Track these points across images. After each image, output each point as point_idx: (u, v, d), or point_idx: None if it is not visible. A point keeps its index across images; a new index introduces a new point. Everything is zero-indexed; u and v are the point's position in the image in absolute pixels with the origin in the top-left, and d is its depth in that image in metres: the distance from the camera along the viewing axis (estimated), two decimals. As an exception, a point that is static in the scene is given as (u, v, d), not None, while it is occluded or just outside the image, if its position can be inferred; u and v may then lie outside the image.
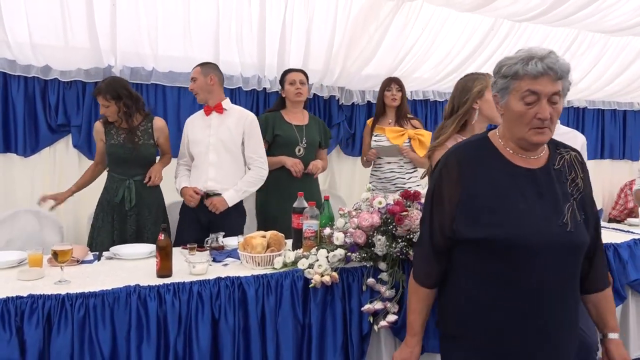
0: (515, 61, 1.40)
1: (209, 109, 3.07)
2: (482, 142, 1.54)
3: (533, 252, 1.41)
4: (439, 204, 1.51)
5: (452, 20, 3.95)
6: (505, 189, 1.45)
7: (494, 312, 1.46)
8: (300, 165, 3.29)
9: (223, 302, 2.11)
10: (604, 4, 3.65)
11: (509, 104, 1.43)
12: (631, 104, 5.65)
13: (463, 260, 1.51)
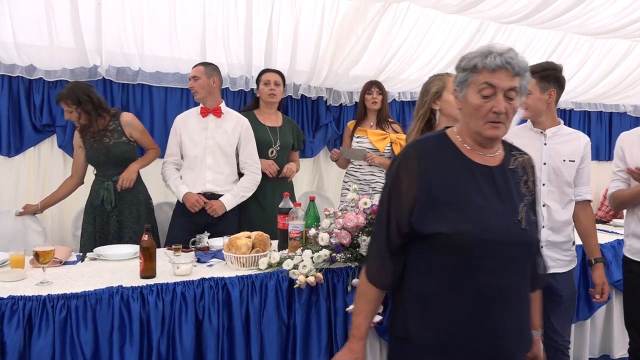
0: (475, 55, 1.42)
1: (206, 110, 3.07)
2: (441, 138, 1.53)
3: (490, 248, 1.39)
4: (397, 197, 1.46)
5: (439, 22, 3.97)
6: (463, 184, 1.44)
7: (450, 310, 1.42)
8: (274, 167, 3.30)
9: (207, 303, 2.10)
10: (588, 7, 3.68)
11: (466, 97, 1.44)
12: (617, 106, 5.70)
13: (418, 258, 1.46)
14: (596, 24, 4.06)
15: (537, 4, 3.54)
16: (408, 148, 1.51)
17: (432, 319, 1.44)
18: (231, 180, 3.11)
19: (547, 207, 2.38)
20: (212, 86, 3.04)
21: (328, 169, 4.35)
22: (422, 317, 1.45)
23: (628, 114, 5.81)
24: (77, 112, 2.93)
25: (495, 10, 3.67)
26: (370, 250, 1.56)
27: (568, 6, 3.58)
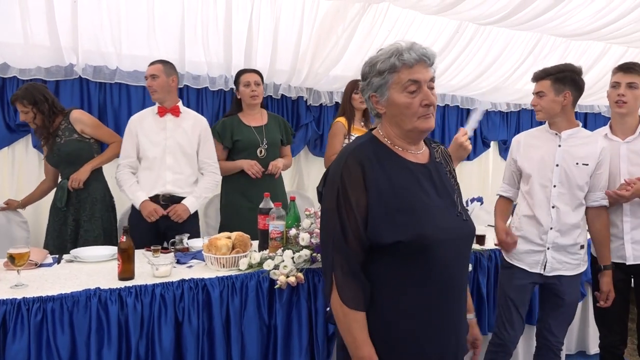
0: (387, 55, 1.40)
1: (164, 110, 2.99)
2: (373, 142, 1.47)
3: (441, 245, 1.39)
4: (349, 211, 1.37)
5: (418, 22, 3.99)
6: (407, 186, 1.42)
7: (410, 319, 1.40)
8: (257, 167, 3.24)
9: (187, 304, 2.09)
10: (564, 9, 3.74)
11: (392, 99, 1.41)
12: (592, 107, 5.81)
13: (376, 270, 1.40)
14: (572, 26, 4.13)
15: (514, 6, 3.59)
16: (347, 156, 1.41)
17: (400, 332, 1.39)
18: (191, 181, 3.05)
19: (556, 209, 2.38)
20: (171, 85, 2.97)
21: (308, 168, 4.35)
22: (385, 332, 1.39)
23: (602, 114, 5.92)
24: (32, 113, 2.91)
25: (474, 12, 3.71)
26: (335, 276, 1.38)
27: (545, 8, 3.64)
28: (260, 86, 3.31)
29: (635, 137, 2.52)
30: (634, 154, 2.50)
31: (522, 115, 5.36)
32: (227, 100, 3.90)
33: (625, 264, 2.50)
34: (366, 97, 1.48)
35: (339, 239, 1.38)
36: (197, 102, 3.78)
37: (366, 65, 1.46)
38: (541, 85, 2.40)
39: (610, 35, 4.36)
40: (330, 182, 1.43)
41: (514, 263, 2.48)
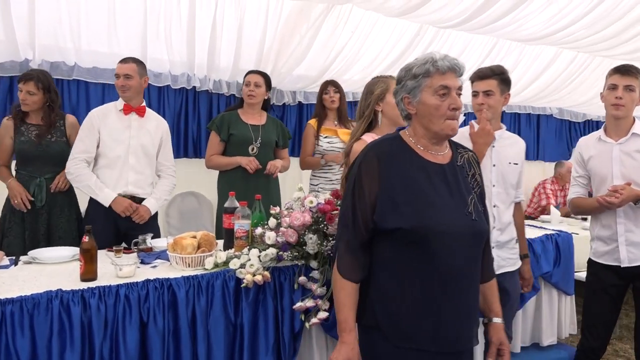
0: (424, 62, 1.58)
1: (129, 108, 2.93)
2: (396, 140, 1.66)
3: (445, 239, 1.54)
4: (361, 196, 1.58)
5: (381, 24, 4.07)
6: (419, 182, 1.58)
7: (412, 297, 1.55)
8: (255, 162, 3.25)
9: (152, 304, 2.06)
10: (519, 15, 3.89)
11: (424, 101, 1.58)
12: (544, 109, 6.06)
13: (382, 252, 1.59)
14: (526, 31, 4.30)
15: (473, 10, 3.71)
16: (368, 150, 1.62)
17: (397, 307, 1.56)
18: (150, 182, 3.03)
19: (497, 208, 2.45)
20: (142, 86, 2.94)
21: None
22: (388, 306, 1.58)
23: (554, 116, 6.18)
24: (43, 98, 2.83)
25: (435, 15, 3.81)
26: (339, 247, 1.63)
27: (501, 13, 3.78)
28: (260, 88, 3.31)
29: (627, 138, 2.49)
30: (626, 156, 2.47)
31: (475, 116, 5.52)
32: (190, 98, 3.87)
33: (620, 266, 2.49)
34: (399, 99, 1.66)
35: (349, 219, 1.60)
36: (159, 100, 3.74)
37: (402, 70, 1.64)
38: (489, 84, 2.40)
39: (562, 41, 4.55)
40: (352, 169, 1.65)
41: None
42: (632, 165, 2.46)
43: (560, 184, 5.62)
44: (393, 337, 1.57)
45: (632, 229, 2.46)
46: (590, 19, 4.13)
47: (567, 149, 6.36)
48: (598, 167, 2.55)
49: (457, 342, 1.61)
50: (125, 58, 2.94)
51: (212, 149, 3.32)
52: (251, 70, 3.41)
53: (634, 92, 2.45)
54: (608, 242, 2.52)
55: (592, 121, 6.54)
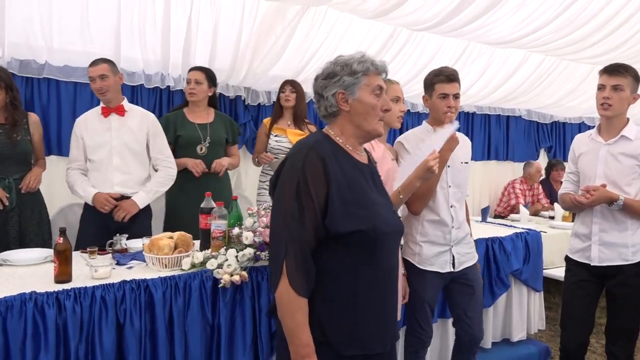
0: (362, 59, 1.54)
1: (108, 110, 2.91)
2: (327, 140, 1.57)
3: (387, 237, 1.55)
4: (309, 200, 1.45)
5: (356, 26, 4.10)
6: (359, 182, 1.55)
7: (362, 302, 1.52)
8: (201, 166, 3.23)
9: (128, 305, 2.05)
10: (490, 19, 3.98)
11: (361, 99, 1.54)
12: (513, 110, 6.20)
13: (327, 261, 1.50)
14: (496, 35, 4.40)
15: (445, 14, 3.78)
16: (309, 151, 1.48)
17: (347, 316, 1.50)
18: (142, 180, 2.99)
19: (454, 208, 2.49)
20: (118, 84, 2.90)
21: (246, 168, 4.35)
22: (337, 317, 1.50)
23: (523, 117, 6.33)
24: (5, 96, 2.75)
25: (408, 18, 3.87)
26: (288, 262, 1.44)
27: (473, 17, 3.86)
28: (201, 85, 3.27)
29: (616, 139, 2.49)
30: (612, 157, 2.48)
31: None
32: (164, 97, 3.84)
33: (590, 264, 2.53)
34: (330, 94, 1.55)
35: (296, 228, 1.44)
36: (132, 100, 3.69)
37: (336, 65, 1.55)
38: (457, 87, 2.42)
39: (530, 44, 4.68)
40: (290, 172, 1.49)
41: (426, 268, 2.47)
42: (616, 167, 2.46)
43: (528, 183, 5.76)
44: (344, 348, 1.50)
45: (606, 230, 2.48)
46: (558, 23, 4.26)
47: (535, 149, 6.53)
48: (585, 166, 2.58)
49: (394, 337, 1.65)
50: (95, 60, 2.89)
51: None
52: (193, 67, 3.37)
53: (623, 91, 2.43)
54: (584, 239, 2.56)
55: (559, 122, 6.72)
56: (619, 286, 2.49)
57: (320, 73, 1.59)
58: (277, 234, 1.49)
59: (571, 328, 2.62)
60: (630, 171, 2.44)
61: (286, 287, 1.44)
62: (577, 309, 2.60)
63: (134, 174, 2.96)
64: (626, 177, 2.44)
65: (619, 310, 2.52)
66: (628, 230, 2.46)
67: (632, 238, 2.46)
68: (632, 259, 2.46)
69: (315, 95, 1.60)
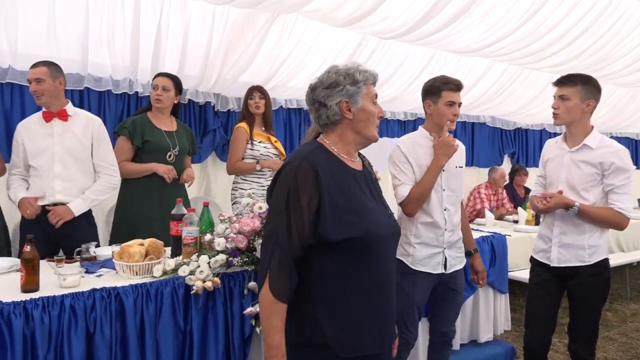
0: (362, 69, 1.61)
1: (50, 115, 2.80)
2: (320, 149, 1.62)
3: (382, 241, 1.59)
4: (297, 209, 1.49)
5: (325, 34, 4.15)
6: (353, 189, 1.59)
7: (360, 305, 1.56)
8: (173, 172, 3.19)
9: (98, 314, 2.02)
10: (455, 28, 4.10)
11: (364, 107, 1.60)
12: (478, 117, 6.36)
13: (322, 266, 1.54)
14: (462, 44, 4.53)
15: (413, 23, 3.87)
16: (301, 160, 1.53)
17: (345, 319, 1.55)
18: (83, 187, 2.87)
19: (447, 211, 2.56)
20: (58, 88, 2.79)
21: (216, 174, 4.34)
22: (336, 321, 1.54)
23: (487, 124, 6.50)
24: None
25: (377, 27, 3.95)
26: (270, 267, 1.50)
27: (439, 26, 3.97)
28: (169, 92, 3.20)
29: (579, 147, 2.55)
30: (574, 164, 2.55)
31: (417, 124, 5.74)
32: (132, 103, 3.79)
33: (550, 265, 2.62)
34: (334, 103, 1.59)
35: (282, 234, 1.50)
36: (99, 105, 3.65)
37: (338, 74, 1.59)
38: (460, 97, 2.56)
39: (494, 53, 4.83)
40: (282, 182, 1.54)
41: (418, 269, 2.53)
42: (577, 173, 2.55)
43: (493, 188, 5.91)
44: (343, 350, 1.54)
45: (566, 232, 2.57)
46: (520, 34, 4.42)
47: (499, 155, 6.71)
48: (550, 171, 2.68)
49: (392, 338, 1.71)
50: (35, 63, 2.79)
51: (122, 154, 3.10)
52: (160, 73, 3.30)
53: (570, 100, 2.52)
54: (546, 240, 2.66)
55: (521, 129, 6.93)
56: (577, 287, 2.58)
57: (319, 82, 1.61)
58: (266, 240, 1.55)
59: (534, 327, 2.69)
60: (589, 178, 2.52)
61: (267, 290, 1.50)
62: (540, 308, 2.67)
63: (77, 182, 2.84)
64: (585, 184, 2.53)
65: (578, 310, 2.62)
66: (586, 233, 2.55)
67: (589, 241, 2.55)
68: (588, 261, 2.55)
69: (315, 104, 1.62)
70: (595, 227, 2.55)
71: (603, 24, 4.73)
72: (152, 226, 2.98)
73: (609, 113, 6.88)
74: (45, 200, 2.78)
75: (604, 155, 2.51)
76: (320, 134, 1.70)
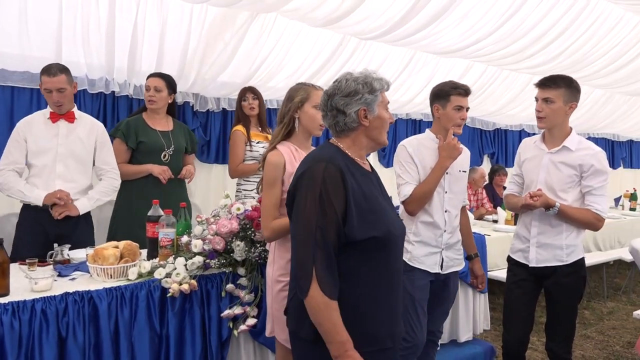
0: (377, 77, 1.68)
1: (57, 116, 2.83)
2: (339, 152, 1.68)
3: (397, 240, 1.67)
4: (330, 212, 1.54)
5: (305, 33, 4.13)
6: (371, 191, 1.66)
7: (374, 303, 1.62)
8: (168, 172, 3.22)
9: (71, 318, 1.98)
10: (435, 29, 4.12)
11: (380, 115, 1.68)
12: (460, 118, 6.39)
13: (344, 264, 1.58)
14: (441, 45, 4.55)
15: (392, 24, 3.87)
16: (327, 164, 1.58)
17: (363, 314, 1.60)
18: (85, 188, 2.92)
19: (448, 213, 2.60)
20: (72, 93, 2.86)
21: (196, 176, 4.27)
22: (354, 315, 1.58)
23: (467, 124, 6.53)
24: None
25: (356, 27, 3.94)
26: (317, 269, 1.53)
27: (418, 27, 3.98)
28: (161, 92, 3.24)
29: (559, 149, 2.57)
30: (553, 166, 2.57)
31: (398, 125, 5.75)
32: (108, 103, 3.72)
33: (528, 265, 2.63)
34: (353, 111, 1.65)
35: (321, 237, 1.54)
36: (74, 105, 3.56)
37: (357, 83, 1.65)
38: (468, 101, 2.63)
39: (473, 54, 4.86)
40: (311, 185, 1.57)
41: (415, 266, 2.56)
42: (556, 174, 2.57)
43: (473, 188, 5.94)
44: (359, 346, 1.56)
45: (544, 232, 2.59)
46: (498, 35, 4.46)
47: (479, 155, 6.75)
48: (528, 171, 2.70)
49: (401, 333, 1.75)
50: (50, 68, 2.77)
51: (118, 157, 3.12)
52: (152, 74, 3.32)
53: (554, 103, 2.52)
54: (524, 240, 2.68)
55: (501, 130, 6.98)
56: (554, 285, 2.61)
57: (337, 90, 1.66)
58: (302, 241, 1.57)
59: (512, 326, 2.70)
60: (568, 179, 2.55)
61: (318, 291, 1.53)
62: (517, 307, 2.69)
63: (77, 183, 2.87)
64: (564, 185, 2.56)
65: (555, 308, 2.64)
66: (563, 233, 2.57)
67: (566, 240, 2.58)
68: (566, 260, 2.58)
69: (333, 111, 1.67)
70: (572, 227, 2.58)
71: (580, 25, 4.80)
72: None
73: (585, 114, 6.98)
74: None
75: (583, 157, 2.54)
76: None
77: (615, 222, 5.85)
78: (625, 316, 4.73)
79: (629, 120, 7.94)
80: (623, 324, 4.58)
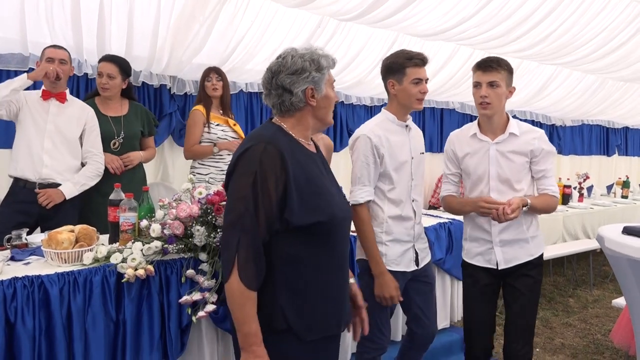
0: (323, 54, 1.60)
1: (49, 94, 2.89)
2: (282, 132, 1.60)
3: (342, 224, 1.62)
4: (265, 195, 1.46)
5: (281, 14, 4.03)
6: (315, 173, 1.59)
7: (325, 289, 1.58)
8: (117, 162, 3.14)
9: (20, 303, 1.93)
10: (414, 10, 4.02)
11: (327, 94, 1.62)
12: (447, 103, 6.31)
13: (284, 251, 1.52)
14: (423, 27, 4.45)
15: (369, 4, 3.78)
16: (266, 145, 1.49)
17: (308, 303, 1.55)
18: (73, 168, 2.95)
19: (415, 202, 2.42)
20: (68, 74, 2.97)
21: (173, 159, 4.22)
22: (299, 305, 1.54)
23: (456, 110, 6.46)
24: None
25: (332, 7, 3.85)
26: (239, 256, 1.46)
27: (396, 8, 3.89)
28: (115, 79, 3.13)
29: (505, 137, 2.39)
30: (503, 156, 2.39)
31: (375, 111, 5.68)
32: (81, 86, 3.65)
33: (495, 269, 2.43)
34: (300, 90, 1.56)
35: (250, 221, 1.46)
36: (43, 88, 3.49)
37: (304, 60, 1.55)
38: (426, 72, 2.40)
39: (456, 37, 4.76)
40: (246, 167, 1.49)
41: (392, 269, 2.35)
42: (508, 165, 2.39)
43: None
44: (306, 334, 1.54)
45: (505, 229, 2.40)
46: (481, 17, 4.36)
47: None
48: (474, 166, 2.46)
49: (347, 318, 1.71)
50: (56, 45, 2.96)
51: None
52: (104, 57, 3.18)
53: (500, 86, 2.33)
54: (482, 243, 2.47)
55: (489, 115, 6.90)
56: (521, 277, 2.43)
57: (283, 67, 1.56)
58: (230, 226, 1.49)
59: (476, 334, 2.52)
60: (521, 168, 2.39)
61: (236, 279, 1.46)
62: (481, 315, 2.51)
63: (64, 162, 2.92)
64: (518, 175, 2.39)
65: (518, 304, 2.44)
66: (523, 225, 2.42)
67: (529, 232, 2.43)
68: (535, 253, 2.43)
69: (278, 89, 1.58)
70: (530, 217, 2.44)
71: (566, 7, 4.69)
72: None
73: (578, 100, 6.90)
74: (35, 175, 2.84)
75: (531, 142, 2.38)
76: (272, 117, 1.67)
77: (605, 209, 5.83)
78: (609, 304, 4.70)
79: (623, 107, 7.84)
80: (607, 312, 4.56)
